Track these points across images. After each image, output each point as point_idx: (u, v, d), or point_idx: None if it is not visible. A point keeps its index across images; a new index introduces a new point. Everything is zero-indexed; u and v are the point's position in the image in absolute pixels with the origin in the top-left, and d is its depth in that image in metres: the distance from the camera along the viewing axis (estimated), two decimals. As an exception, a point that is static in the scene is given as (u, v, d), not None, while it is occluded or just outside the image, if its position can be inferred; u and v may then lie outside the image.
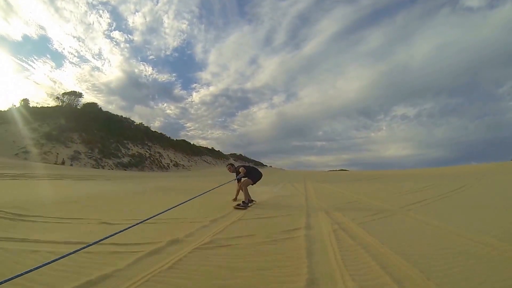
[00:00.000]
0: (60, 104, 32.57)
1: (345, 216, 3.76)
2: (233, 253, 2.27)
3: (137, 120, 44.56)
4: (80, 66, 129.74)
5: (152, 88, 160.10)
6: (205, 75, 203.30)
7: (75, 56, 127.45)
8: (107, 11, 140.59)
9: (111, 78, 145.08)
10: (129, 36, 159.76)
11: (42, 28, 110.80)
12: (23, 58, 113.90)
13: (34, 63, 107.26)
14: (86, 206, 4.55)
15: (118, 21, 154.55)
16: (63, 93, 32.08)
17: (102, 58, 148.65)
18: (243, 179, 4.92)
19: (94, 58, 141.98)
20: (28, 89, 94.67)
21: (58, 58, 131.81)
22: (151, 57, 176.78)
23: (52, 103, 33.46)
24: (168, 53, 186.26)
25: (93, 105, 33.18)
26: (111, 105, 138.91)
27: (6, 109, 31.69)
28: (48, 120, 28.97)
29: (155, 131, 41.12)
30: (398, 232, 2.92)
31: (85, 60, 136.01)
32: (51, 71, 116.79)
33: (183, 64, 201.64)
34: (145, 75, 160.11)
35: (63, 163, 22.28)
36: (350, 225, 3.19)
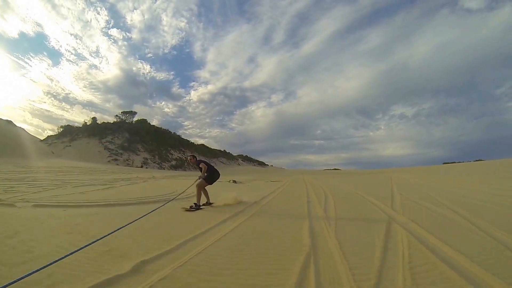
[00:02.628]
0: (118, 120, 43.14)
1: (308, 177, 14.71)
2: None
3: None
4: (77, 64, 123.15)
5: (150, 86, 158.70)
6: (203, 74, 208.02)
7: (72, 53, 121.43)
8: (105, 9, 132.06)
9: (108, 76, 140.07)
10: (127, 34, 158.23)
11: (39, 25, 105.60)
12: (20, 56, 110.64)
13: (31, 60, 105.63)
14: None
15: (116, 19, 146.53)
16: (121, 112, 42.60)
17: (100, 56, 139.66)
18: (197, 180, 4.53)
19: (92, 56, 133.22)
20: (24, 87, 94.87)
21: (55, 56, 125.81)
22: (149, 55, 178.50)
23: (112, 119, 44.06)
24: (166, 51, 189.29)
25: (144, 121, 43.80)
26: (109, 103, 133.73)
27: (80, 126, 42.27)
28: (116, 134, 39.46)
29: (184, 139, 51.85)
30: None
31: (83, 58, 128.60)
32: (47, 69, 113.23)
33: (182, 63, 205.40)
34: (143, 73, 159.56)
35: (141, 166, 32.93)
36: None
